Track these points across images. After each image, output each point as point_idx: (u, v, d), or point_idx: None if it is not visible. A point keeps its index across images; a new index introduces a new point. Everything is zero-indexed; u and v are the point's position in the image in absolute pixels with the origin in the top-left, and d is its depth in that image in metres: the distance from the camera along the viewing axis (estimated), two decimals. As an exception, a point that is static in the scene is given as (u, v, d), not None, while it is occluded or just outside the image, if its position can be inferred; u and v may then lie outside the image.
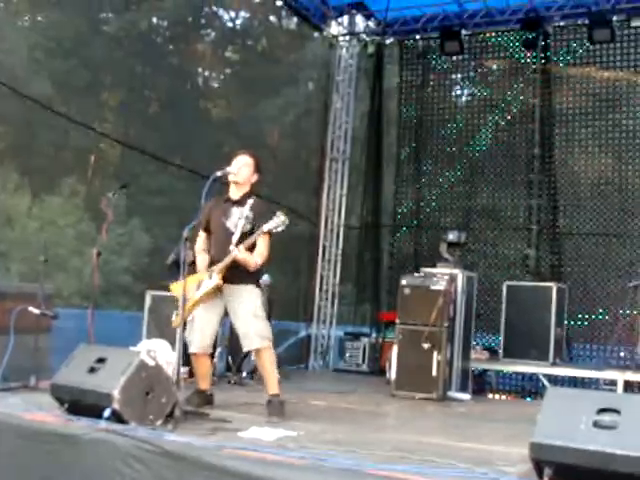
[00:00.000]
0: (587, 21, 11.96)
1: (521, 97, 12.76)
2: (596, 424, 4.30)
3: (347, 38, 13.75)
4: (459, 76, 13.91)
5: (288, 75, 15.67)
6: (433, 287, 8.90)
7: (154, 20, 16.11)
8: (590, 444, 4.23)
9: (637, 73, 12.07)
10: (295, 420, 6.43)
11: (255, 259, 6.61)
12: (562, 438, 4.30)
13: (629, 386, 9.37)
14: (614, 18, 11.78)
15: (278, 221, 6.54)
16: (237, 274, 6.63)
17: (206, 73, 17.27)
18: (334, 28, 13.71)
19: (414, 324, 8.92)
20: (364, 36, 13.80)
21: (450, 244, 9.61)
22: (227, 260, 6.58)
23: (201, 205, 6.58)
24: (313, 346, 13.06)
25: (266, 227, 6.55)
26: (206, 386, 7.00)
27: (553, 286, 10.32)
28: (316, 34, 14.13)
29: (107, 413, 5.31)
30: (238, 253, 6.53)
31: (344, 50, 13.74)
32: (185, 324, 6.57)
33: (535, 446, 4.36)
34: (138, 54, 14.46)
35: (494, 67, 13.34)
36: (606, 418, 4.30)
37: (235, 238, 6.66)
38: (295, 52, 16.04)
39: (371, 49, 13.73)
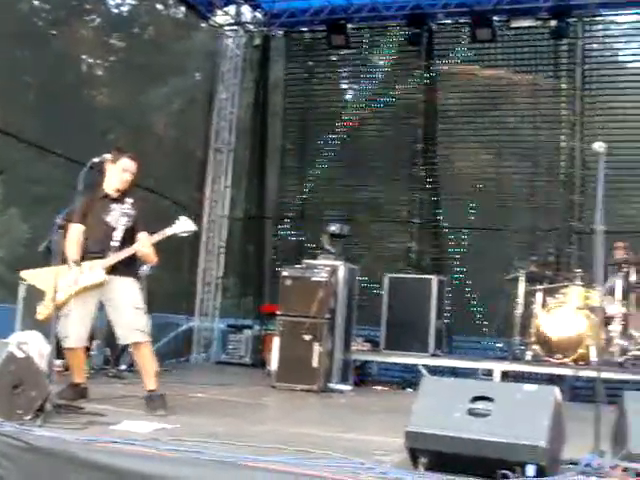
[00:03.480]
0: (470, 20, 12.19)
1: (406, 93, 12.91)
2: (470, 412, 4.36)
3: (233, 28, 13.62)
4: (345, 70, 13.97)
5: (175, 64, 15.36)
6: (314, 278, 8.91)
7: (35, 2, 15.55)
8: (464, 432, 4.28)
9: (517, 72, 12.40)
10: (173, 413, 6.30)
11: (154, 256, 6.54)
12: (437, 426, 4.34)
13: (506, 376, 9.61)
14: (495, 18, 12.05)
15: (183, 227, 6.45)
16: (116, 266, 6.47)
17: (90, 60, 16.80)
18: (221, 18, 13.57)
19: (295, 316, 8.92)
20: (251, 27, 13.71)
21: (332, 236, 9.63)
22: (121, 255, 6.42)
23: (77, 192, 6.36)
24: (196, 339, 12.91)
25: (170, 231, 6.44)
26: (80, 379, 6.79)
27: (434, 278, 10.50)
28: (203, 24, 13.94)
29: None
30: (143, 247, 6.40)
31: (230, 40, 13.62)
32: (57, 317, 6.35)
33: (410, 435, 4.38)
34: (18, 38, 13.91)
35: (380, 62, 13.45)
36: (480, 406, 4.36)
37: (118, 234, 6.50)
38: (182, 41, 15.77)
39: (257, 40, 13.66)
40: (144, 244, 6.44)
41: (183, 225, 6.46)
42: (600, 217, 4.96)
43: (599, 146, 5.06)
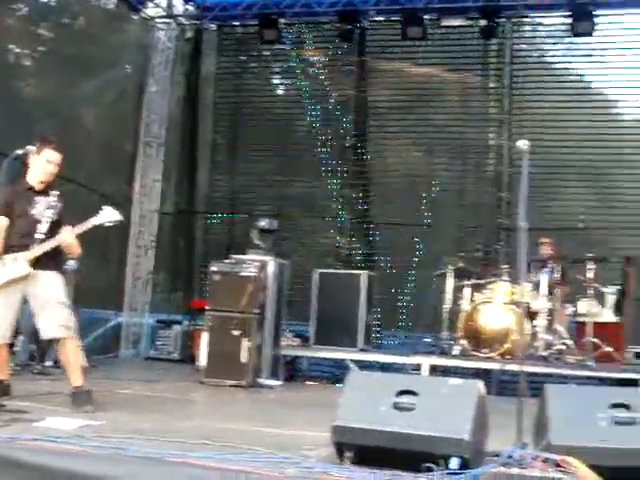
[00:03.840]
0: (401, 18, 12.28)
1: (337, 89, 12.96)
2: (395, 406, 4.40)
3: (165, 21, 13.48)
4: (278, 65, 13.94)
5: (106, 56, 15.11)
6: (243, 274, 8.88)
7: (-43, -11, 15.14)
8: (389, 425, 4.32)
9: (447, 71, 12.55)
10: (99, 410, 6.22)
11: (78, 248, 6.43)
12: (363, 421, 4.37)
13: (434, 370, 9.72)
14: (426, 17, 12.17)
15: (108, 217, 6.35)
16: (40, 259, 6.35)
17: (17, 50, 16.43)
18: (152, 10, 13.41)
19: (224, 311, 8.88)
20: (182, 20, 13.58)
21: (262, 231, 9.61)
22: (45, 247, 6.30)
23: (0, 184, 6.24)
24: (124, 334, 12.76)
25: (95, 221, 6.34)
26: (3, 376, 6.65)
27: (363, 274, 10.56)
28: (135, 15, 13.75)
29: None
30: (66, 238, 6.29)
31: (162, 33, 13.47)
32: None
33: (336, 429, 4.41)
34: (-62, 26, 13.53)
35: (312, 58, 13.47)
36: (405, 400, 4.40)
37: (43, 227, 6.38)
38: (113, 32, 15.53)
39: (189, 33, 13.53)
40: (68, 235, 6.33)
41: (108, 215, 6.37)
42: (523, 214, 5.03)
43: (523, 144, 5.15)
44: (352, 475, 4.21)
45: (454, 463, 4.20)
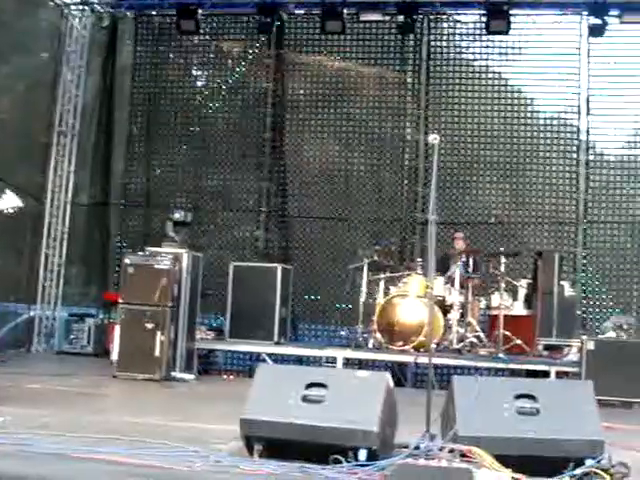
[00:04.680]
0: (320, 12, 12.29)
1: (255, 81, 12.91)
2: (304, 399, 4.41)
3: (80, 8, 13.17)
4: (196, 57, 13.80)
5: (19, 43, 14.75)
6: (157, 266, 8.78)
7: None
8: (298, 418, 4.33)
9: (365, 65, 12.61)
10: (4, 405, 6.07)
11: None
12: (271, 414, 4.37)
13: (349, 363, 9.78)
14: (345, 11, 12.18)
15: (8, 202, 6.19)
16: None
17: None
18: (67, -4, 13.10)
19: (137, 304, 8.77)
20: (98, 7, 13.29)
21: (176, 223, 9.50)
22: None
23: None
24: (37, 328, 12.45)
25: None
26: None
27: (278, 267, 10.56)
28: (49, 1, 13.42)
29: None
30: None
31: (77, 20, 13.16)
32: None
33: (245, 423, 4.40)
34: None
35: (231, 50, 13.37)
36: (314, 393, 4.42)
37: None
38: (26, 18, 15.16)
39: (106, 22, 13.24)
40: None
41: (9, 200, 6.23)
42: (434, 207, 5.08)
43: (433, 138, 5.21)
44: (260, 468, 4.22)
45: (362, 455, 4.24)
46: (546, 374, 9.31)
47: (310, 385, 4.43)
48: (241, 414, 4.47)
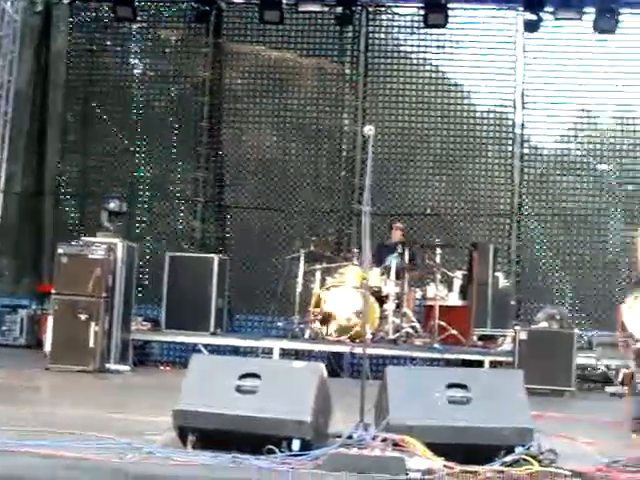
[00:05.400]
0: (259, 1, 12.23)
1: (193, 70, 12.80)
2: (238, 389, 4.41)
3: (13, -8, 12.89)
4: (133, 44, 13.62)
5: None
6: (91, 256, 8.66)
7: None
8: (231, 409, 4.33)
9: (303, 56, 12.61)
10: None
11: None
12: (204, 404, 4.35)
13: (286, 354, 9.79)
14: (284, 1, 12.15)
15: None
16: None
17: None
18: (-3, -21, 12.79)
19: (71, 294, 8.63)
20: (32, -8, 13.03)
21: (111, 213, 9.38)
22: None
23: None
24: (-33, 321, 12.21)
25: None
26: None
27: (214, 257, 10.52)
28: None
29: None
30: None
31: (8, 4, 12.85)
32: None
33: (178, 414, 4.37)
34: None
35: (168, 38, 13.24)
36: (248, 383, 4.42)
37: None
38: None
39: (39, 6, 12.99)
40: None
41: None
42: (368, 198, 5.10)
43: (368, 129, 5.23)
44: (193, 459, 4.20)
45: (296, 445, 4.25)
46: (480, 364, 9.45)
47: (244, 376, 4.43)
48: (174, 405, 4.44)
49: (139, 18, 12.64)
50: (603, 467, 4.36)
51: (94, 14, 13.13)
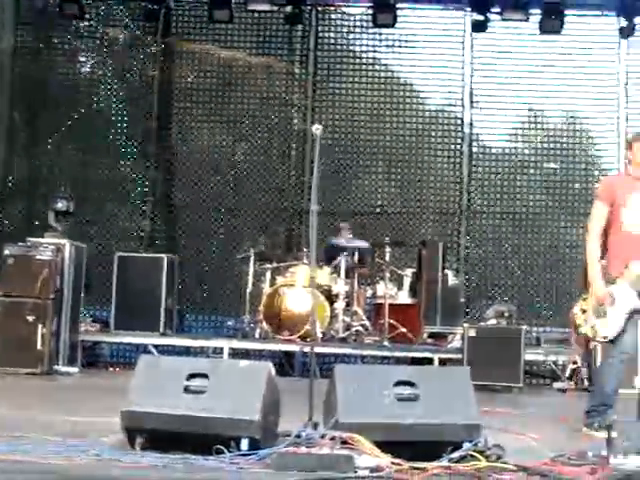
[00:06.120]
0: (208, 0, 12.19)
1: (142, 69, 12.70)
2: (186, 389, 4.39)
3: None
4: (82, 42, 13.46)
5: None
6: (38, 257, 8.56)
7: None
8: (180, 409, 4.32)
9: (253, 55, 12.59)
10: None
11: None
12: (152, 405, 4.34)
13: (236, 353, 9.77)
14: (233, 0, 12.10)
15: None
16: None
17: None
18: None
19: (18, 296, 8.53)
20: (-27, -13, 12.80)
21: (58, 213, 9.27)
22: None
23: None
24: None
25: None
26: None
27: (164, 257, 10.45)
28: None
29: None
30: None
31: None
32: None
33: (125, 415, 4.35)
34: None
35: (117, 36, 13.12)
36: (196, 383, 4.41)
37: None
38: None
39: (-17, 5, 12.79)
40: None
41: None
42: (315, 197, 5.13)
43: (316, 128, 5.25)
44: (141, 460, 4.18)
45: (244, 444, 4.26)
46: (430, 361, 9.53)
47: (192, 376, 4.42)
48: (122, 406, 4.42)
49: (87, 16, 12.49)
50: (548, 461, 4.43)
51: (41, 11, 12.94)
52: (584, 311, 5.99)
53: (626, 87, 12.10)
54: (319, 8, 12.54)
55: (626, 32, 11.97)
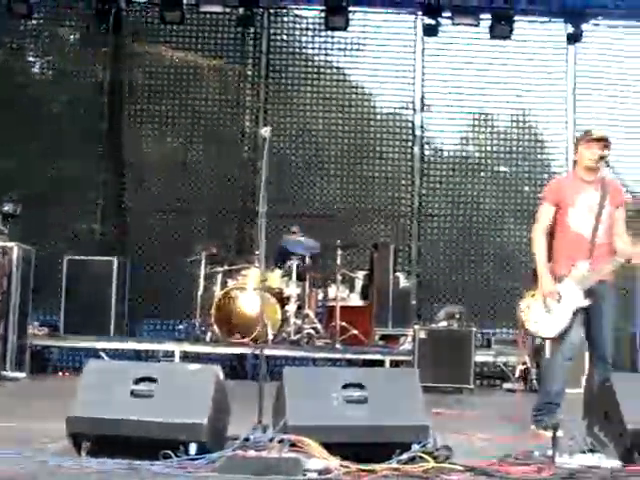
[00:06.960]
0: (159, 1, 12.11)
1: (92, 69, 12.55)
2: (133, 393, 4.36)
3: None
4: (31, 42, 13.29)
5: None
6: (-18, 261, 8.44)
7: None
8: (126, 414, 4.28)
9: (205, 57, 12.54)
10: None
11: None
12: (98, 410, 4.30)
13: (187, 357, 9.71)
14: (185, 1, 12.04)
15: None
16: None
17: None
18: None
19: (-37, 299, 8.39)
20: None
21: (5, 216, 9.12)
22: None
23: None
24: None
25: None
26: None
27: (114, 260, 10.37)
28: None
29: None
30: None
31: None
32: None
33: (71, 420, 4.30)
34: None
35: (66, 36, 12.98)
36: (143, 387, 4.37)
37: None
38: None
39: None
40: None
41: None
42: (264, 200, 5.13)
43: (265, 131, 5.28)
44: (87, 466, 4.14)
45: (193, 449, 4.24)
46: (381, 363, 9.57)
47: (139, 380, 4.38)
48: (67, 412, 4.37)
49: (36, 15, 12.34)
50: (495, 461, 4.48)
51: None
52: (529, 307, 6.04)
53: (574, 92, 12.29)
54: (271, 11, 12.53)
55: (573, 38, 12.19)
